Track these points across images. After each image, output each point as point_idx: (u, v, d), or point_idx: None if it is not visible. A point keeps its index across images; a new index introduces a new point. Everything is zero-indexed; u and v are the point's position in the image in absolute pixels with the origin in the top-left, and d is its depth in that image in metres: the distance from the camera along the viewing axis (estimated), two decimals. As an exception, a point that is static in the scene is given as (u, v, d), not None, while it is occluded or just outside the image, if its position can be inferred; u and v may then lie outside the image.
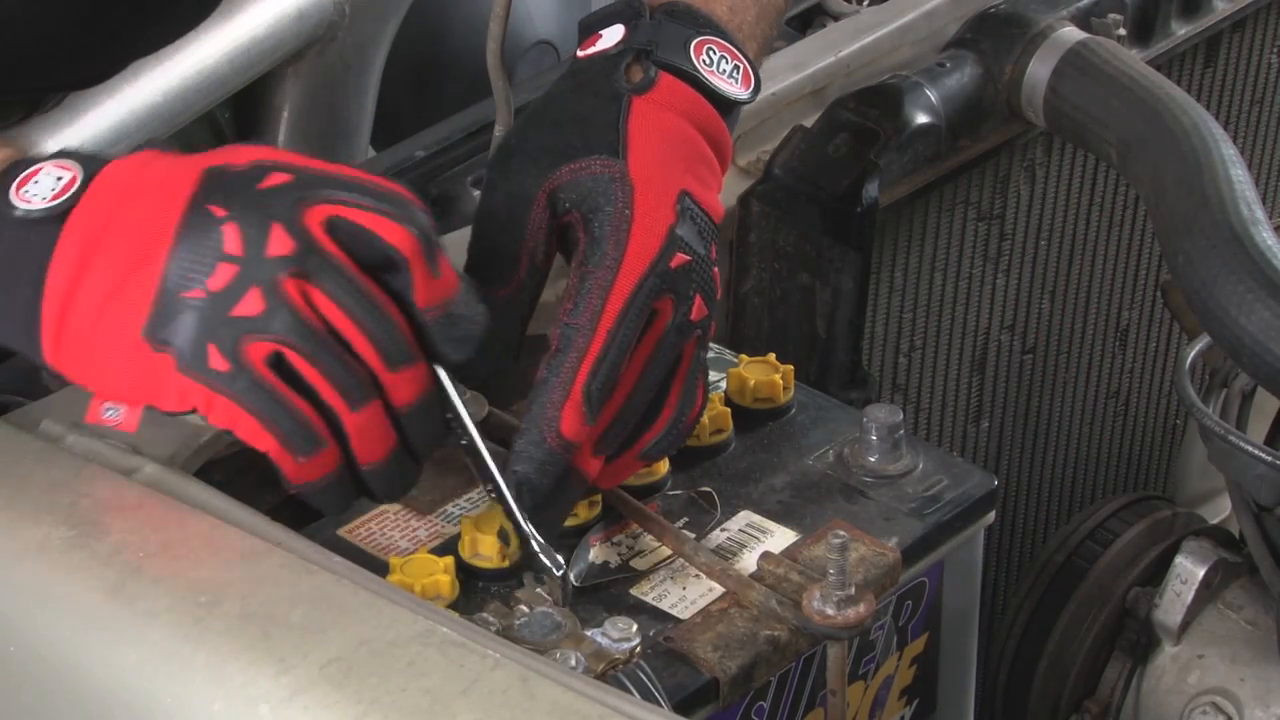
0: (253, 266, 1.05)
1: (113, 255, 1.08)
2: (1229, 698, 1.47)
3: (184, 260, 1.06)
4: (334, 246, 1.07)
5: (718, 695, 1.12)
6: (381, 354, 1.07)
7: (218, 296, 1.05)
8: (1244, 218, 1.36)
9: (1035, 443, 1.78)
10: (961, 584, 1.29)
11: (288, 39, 1.93)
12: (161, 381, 1.07)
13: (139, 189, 1.09)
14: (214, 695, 0.98)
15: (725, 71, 1.24)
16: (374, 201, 1.08)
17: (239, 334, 1.05)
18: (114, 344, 1.08)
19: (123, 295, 1.07)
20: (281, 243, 1.05)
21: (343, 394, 1.06)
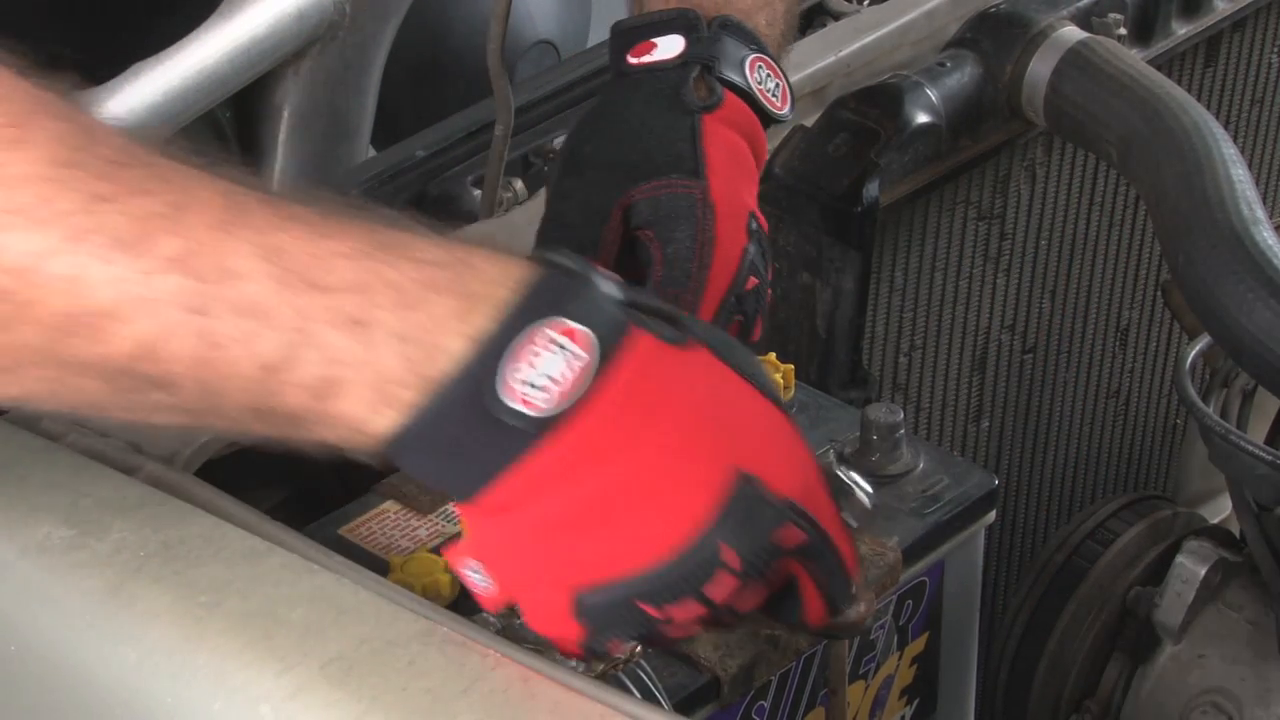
0: (718, 615, 0.95)
1: (605, 510, 0.92)
2: (1229, 697, 1.47)
3: (664, 581, 0.92)
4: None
5: (718, 694, 1.12)
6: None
7: (661, 622, 0.94)
8: (1244, 217, 1.37)
9: (1035, 443, 1.78)
10: (962, 583, 1.29)
11: (288, 39, 1.93)
12: (560, 632, 0.96)
13: (664, 446, 0.92)
14: (214, 694, 0.98)
15: (770, 90, 1.24)
16: (832, 583, 0.98)
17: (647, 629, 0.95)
18: (541, 572, 0.95)
19: (589, 551, 0.93)
20: (751, 598, 0.95)
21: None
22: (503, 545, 0.94)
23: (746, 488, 0.92)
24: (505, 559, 0.95)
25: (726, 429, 0.94)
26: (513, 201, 1.49)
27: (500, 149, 1.42)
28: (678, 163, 1.18)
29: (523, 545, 0.94)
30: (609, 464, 0.91)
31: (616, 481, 0.91)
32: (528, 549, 0.94)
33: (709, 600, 0.93)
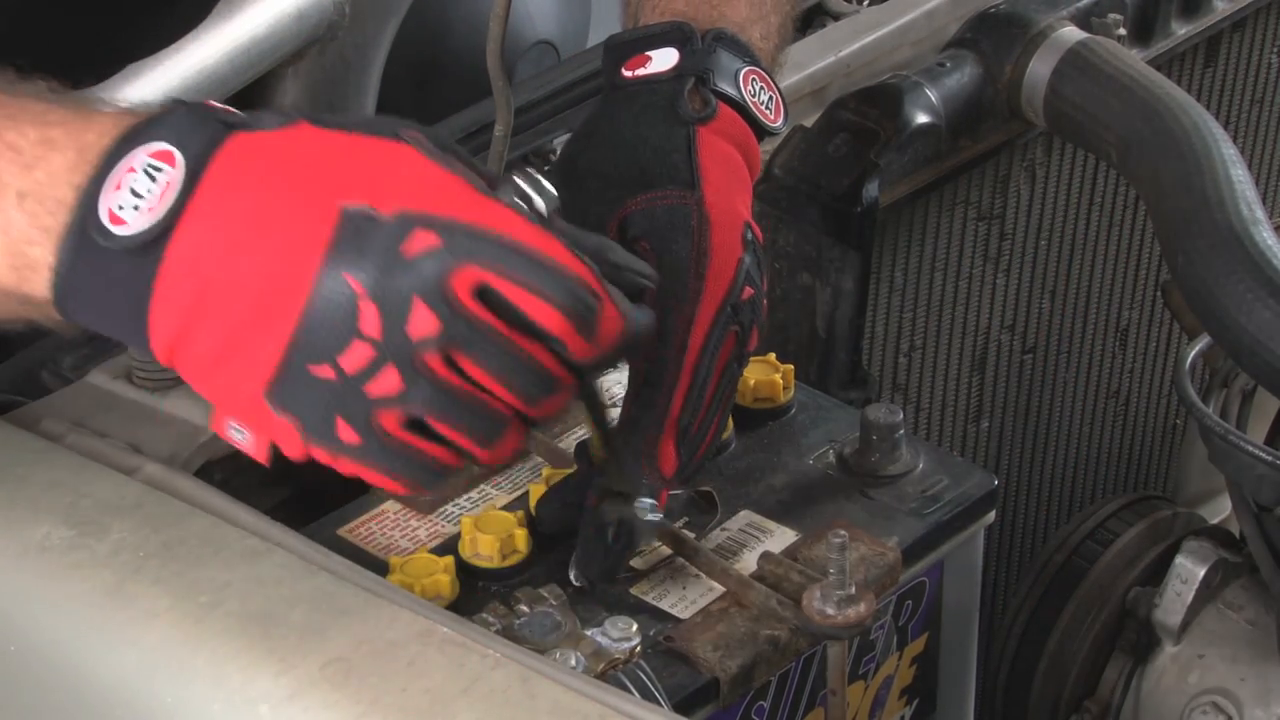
0: (391, 347, 0.96)
1: (232, 305, 0.96)
2: (1229, 697, 1.47)
3: (315, 334, 0.96)
4: (485, 314, 0.97)
5: (718, 695, 1.12)
6: (526, 402, 1.00)
7: (351, 377, 0.96)
8: (1244, 218, 1.37)
9: (1035, 443, 1.78)
10: (961, 584, 1.29)
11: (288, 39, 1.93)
12: (285, 437, 1.00)
13: (263, 219, 0.96)
14: (214, 695, 0.98)
15: (764, 102, 1.25)
16: (525, 275, 0.97)
17: (371, 409, 0.97)
18: (232, 395, 0.99)
19: (243, 351, 0.97)
20: (425, 322, 0.96)
21: (476, 440, 1.00)
22: (200, 376, 0.97)
23: (354, 217, 0.95)
24: (210, 389, 0.98)
25: (325, 176, 0.96)
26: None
27: (500, 149, 1.42)
28: (673, 174, 1.18)
29: (207, 366, 0.97)
30: (226, 252, 0.95)
31: (238, 264, 0.95)
32: (212, 369, 0.97)
33: (372, 339, 0.95)
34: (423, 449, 0.99)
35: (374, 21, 2.03)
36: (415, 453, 0.99)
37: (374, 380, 0.96)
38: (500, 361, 0.98)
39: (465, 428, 0.99)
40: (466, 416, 0.98)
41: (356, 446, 0.98)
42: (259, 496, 1.21)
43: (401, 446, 0.98)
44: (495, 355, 0.97)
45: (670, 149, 1.20)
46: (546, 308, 0.98)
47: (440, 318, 0.96)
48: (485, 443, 1.00)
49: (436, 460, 0.99)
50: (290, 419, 0.98)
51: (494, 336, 0.97)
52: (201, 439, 1.18)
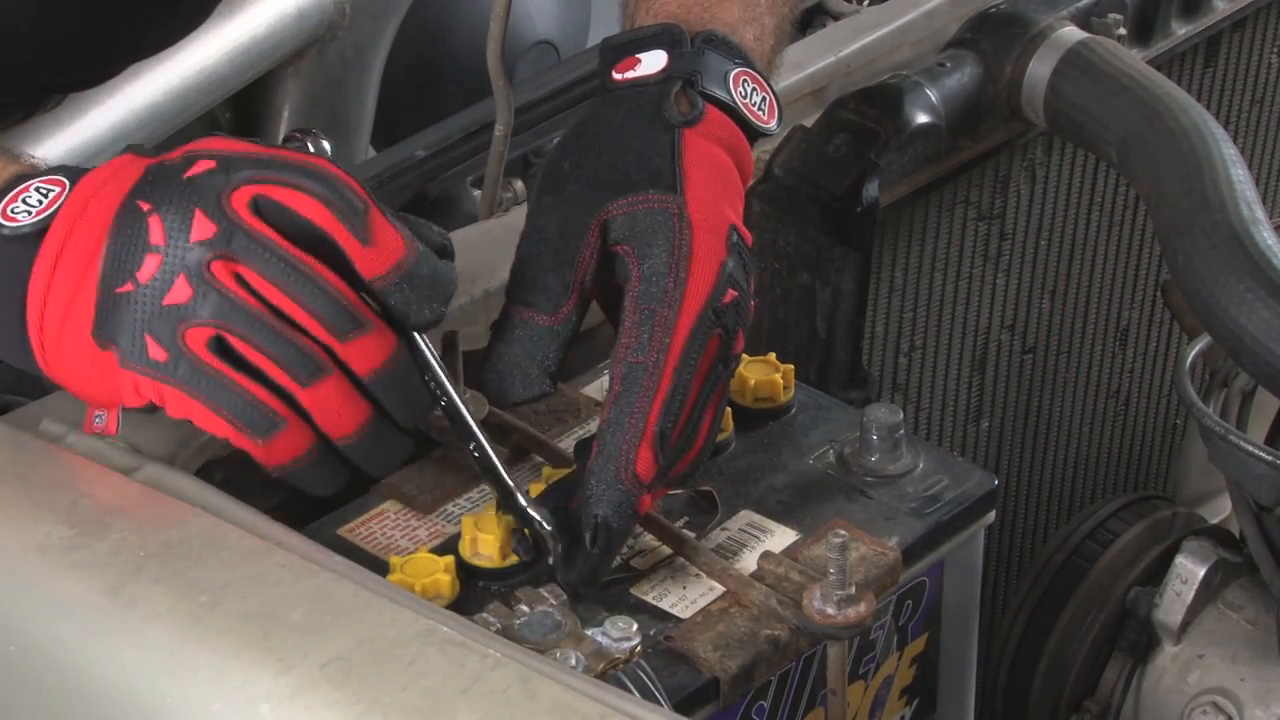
0: (177, 254, 1.08)
1: (70, 262, 1.10)
2: (1229, 697, 1.47)
3: (115, 256, 1.09)
4: (260, 224, 1.08)
5: (718, 695, 1.12)
6: (326, 326, 1.08)
7: (147, 288, 1.08)
8: (1244, 218, 1.36)
9: (1035, 443, 1.78)
10: (961, 584, 1.29)
11: (288, 39, 1.93)
12: (115, 379, 1.10)
13: (97, 195, 1.11)
14: (214, 695, 0.98)
15: (756, 104, 1.25)
16: (291, 176, 1.09)
17: (173, 323, 1.07)
18: (74, 350, 1.11)
19: (75, 301, 1.10)
20: (203, 228, 1.07)
21: (289, 371, 1.07)
22: (54, 356, 1.12)
23: (151, 167, 1.11)
24: (61, 367, 1.12)
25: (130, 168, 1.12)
26: (512, 201, 1.49)
27: (500, 149, 1.42)
28: (656, 178, 1.18)
29: (56, 343, 1.11)
30: (70, 232, 1.10)
31: (74, 237, 1.10)
32: (57, 343, 1.11)
33: (159, 246, 1.08)
34: (234, 378, 1.07)
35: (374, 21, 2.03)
36: (228, 381, 1.07)
37: (168, 291, 1.07)
38: (284, 274, 1.07)
39: (271, 354, 1.07)
40: (268, 339, 1.07)
41: (166, 364, 1.08)
42: (259, 496, 1.21)
43: (213, 372, 1.07)
44: (278, 268, 1.07)
45: (654, 153, 1.20)
46: (316, 204, 1.08)
47: (216, 222, 1.07)
48: (297, 375, 1.07)
49: (252, 394, 1.07)
50: (113, 349, 1.09)
51: (273, 247, 1.07)
52: (201, 439, 1.18)
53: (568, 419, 1.28)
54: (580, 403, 1.30)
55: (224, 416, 1.08)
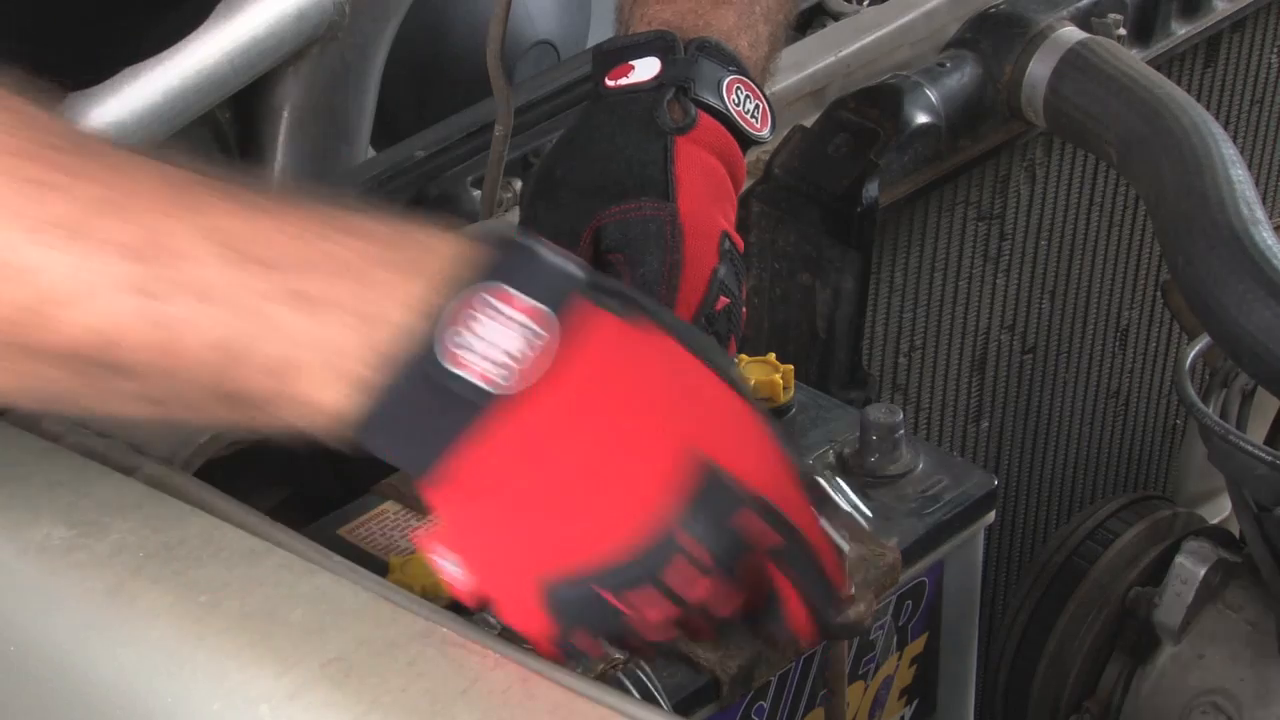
0: (682, 609, 0.93)
1: (552, 493, 0.92)
2: (1229, 698, 1.47)
3: (624, 572, 0.92)
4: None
5: (718, 695, 1.12)
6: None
7: (628, 613, 0.93)
8: (1244, 218, 1.37)
9: (1035, 443, 1.78)
10: (961, 584, 1.29)
11: (288, 39, 1.93)
12: (526, 621, 0.95)
13: (614, 429, 0.91)
14: (214, 695, 0.98)
15: (749, 111, 1.24)
16: (813, 588, 0.96)
17: (629, 636, 0.95)
18: (500, 565, 0.94)
19: (540, 537, 0.93)
20: (724, 601, 0.94)
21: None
22: (467, 529, 0.94)
23: (708, 474, 0.91)
24: (471, 544, 0.94)
25: (691, 414, 0.93)
26: (512, 202, 1.49)
27: (500, 149, 1.42)
28: (648, 185, 1.18)
29: (486, 529, 0.93)
30: (566, 444, 0.91)
31: (575, 463, 0.91)
32: (491, 534, 0.93)
33: (673, 592, 0.92)
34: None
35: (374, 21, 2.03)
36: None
37: (642, 621, 0.93)
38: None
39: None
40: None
41: (578, 653, 0.96)
42: (259, 496, 1.21)
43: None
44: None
45: (646, 160, 1.19)
46: (805, 619, 0.97)
47: (738, 598, 0.94)
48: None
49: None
50: (552, 619, 0.94)
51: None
52: (201, 439, 1.18)
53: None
54: (580, 403, 1.30)
55: None
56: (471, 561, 0.95)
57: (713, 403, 0.94)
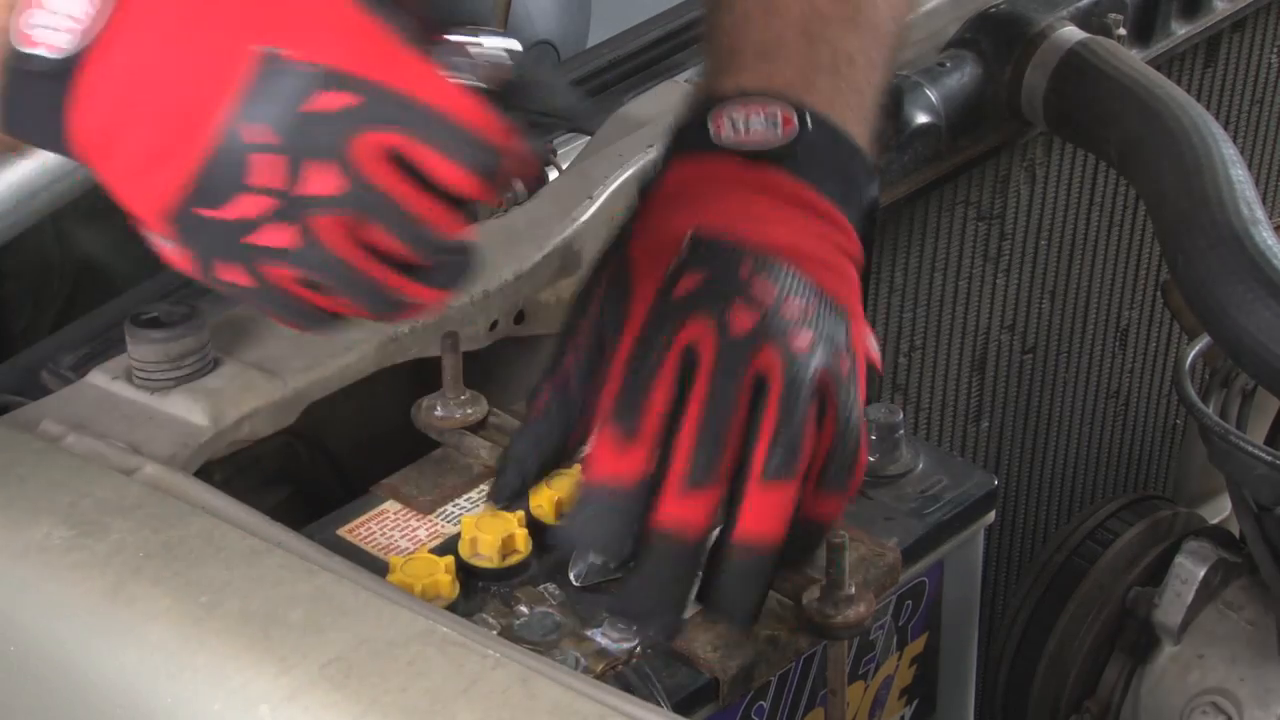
0: (285, 203, 0.93)
1: (141, 129, 0.94)
2: (1229, 697, 1.47)
3: (207, 181, 0.94)
4: (389, 178, 0.94)
5: (718, 695, 1.12)
6: (419, 253, 0.97)
7: (233, 224, 0.94)
8: (1244, 218, 1.37)
9: (1035, 443, 1.78)
10: (961, 584, 1.29)
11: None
12: (183, 264, 0.98)
13: (179, 48, 0.93)
14: (214, 695, 0.98)
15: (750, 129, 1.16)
16: (434, 139, 0.94)
17: (256, 258, 0.95)
18: (139, 210, 0.97)
19: (147, 177, 0.95)
20: (324, 182, 0.93)
21: (371, 310, 0.98)
22: (115, 184, 0.97)
23: (265, 61, 0.92)
24: (124, 198, 0.97)
25: (256, 12, 0.93)
26: (513, 201, 1.49)
27: (500, 149, 1.42)
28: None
29: (119, 177, 0.96)
30: (139, 77, 0.94)
31: (147, 90, 0.94)
32: (122, 181, 0.96)
33: (267, 188, 0.93)
34: (312, 301, 0.98)
35: (374, 21, 2.03)
36: (304, 304, 0.98)
37: (259, 233, 0.94)
38: (401, 227, 0.95)
39: (359, 299, 0.97)
40: (358, 287, 0.97)
41: (240, 288, 0.97)
42: (259, 496, 1.21)
43: (289, 298, 0.97)
44: (395, 220, 0.95)
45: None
46: (457, 171, 0.95)
47: (342, 178, 0.93)
48: (378, 310, 0.99)
49: (323, 311, 0.98)
50: (183, 250, 0.97)
51: (395, 201, 0.94)
52: (202, 439, 1.18)
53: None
54: (580, 403, 1.30)
55: (286, 321, 1.00)
56: (135, 214, 0.98)
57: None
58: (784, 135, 1.13)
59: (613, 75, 1.70)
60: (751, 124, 1.14)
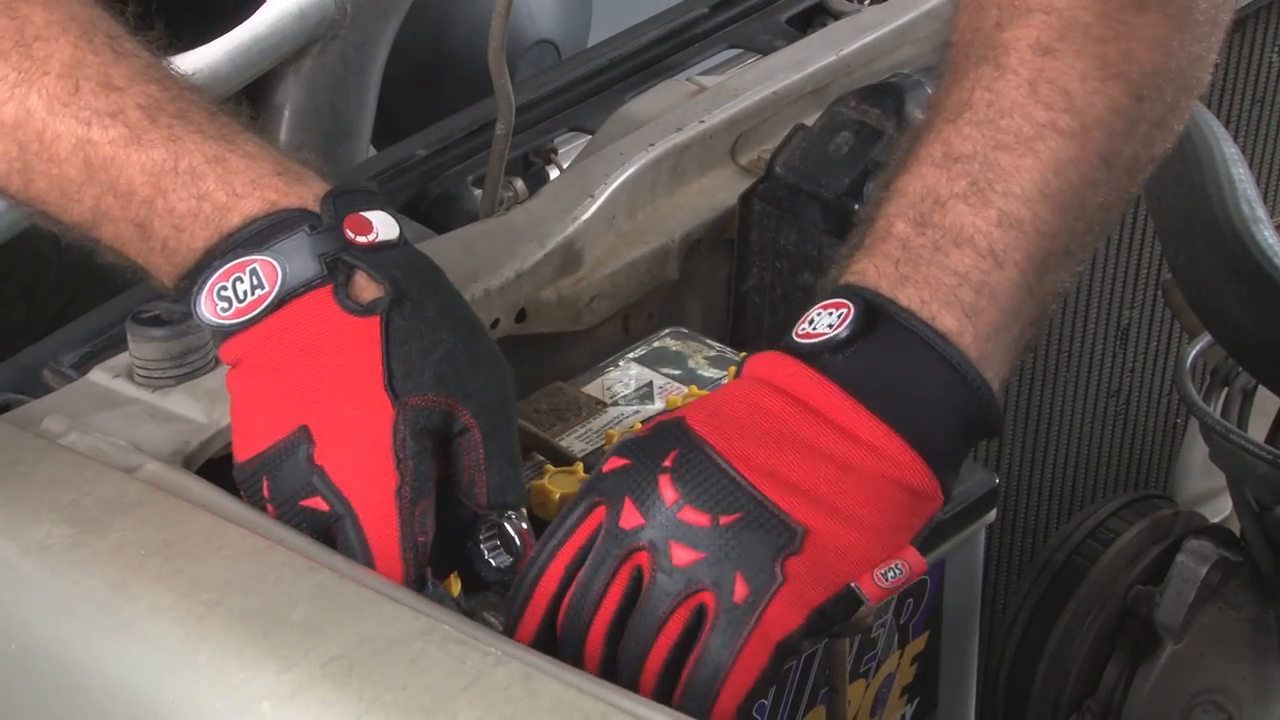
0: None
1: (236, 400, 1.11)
2: (1230, 696, 1.47)
3: (246, 481, 1.09)
4: None
5: (719, 693, 1.12)
6: None
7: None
8: (1244, 216, 1.37)
9: (1035, 442, 1.78)
10: (962, 583, 1.29)
11: (289, 38, 1.93)
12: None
13: (263, 387, 1.09)
14: (216, 693, 0.98)
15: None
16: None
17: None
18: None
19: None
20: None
21: None
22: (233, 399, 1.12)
23: (296, 443, 1.06)
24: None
25: (316, 392, 1.07)
26: (513, 201, 1.49)
27: (500, 148, 1.42)
28: None
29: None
30: (241, 378, 1.09)
31: (238, 394, 1.10)
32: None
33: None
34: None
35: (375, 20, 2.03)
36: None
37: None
38: None
39: None
40: None
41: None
42: (260, 495, 1.21)
43: None
44: None
45: None
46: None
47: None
48: None
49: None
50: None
51: None
52: (203, 437, 1.18)
53: (569, 417, 1.28)
54: (581, 401, 1.30)
55: None
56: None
57: (355, 393, 1.06)
58: (838, 334, 1.03)
59: (613, 75, 1.70)
60: (817, 322, 1.05)
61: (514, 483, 1.08)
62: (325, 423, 1.06)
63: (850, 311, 1.03)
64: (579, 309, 1.41)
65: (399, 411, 1.05)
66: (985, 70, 1.08)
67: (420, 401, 1.05)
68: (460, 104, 1.70)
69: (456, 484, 1.08)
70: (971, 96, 1.08)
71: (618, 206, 1.44)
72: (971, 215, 1.05)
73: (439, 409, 1.06)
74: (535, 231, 1.39)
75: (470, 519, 1.08)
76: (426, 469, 1.05)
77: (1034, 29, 1.08)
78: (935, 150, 1.07)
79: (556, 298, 1.39)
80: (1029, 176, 1.05)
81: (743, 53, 1.77)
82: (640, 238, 1.46)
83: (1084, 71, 1.07)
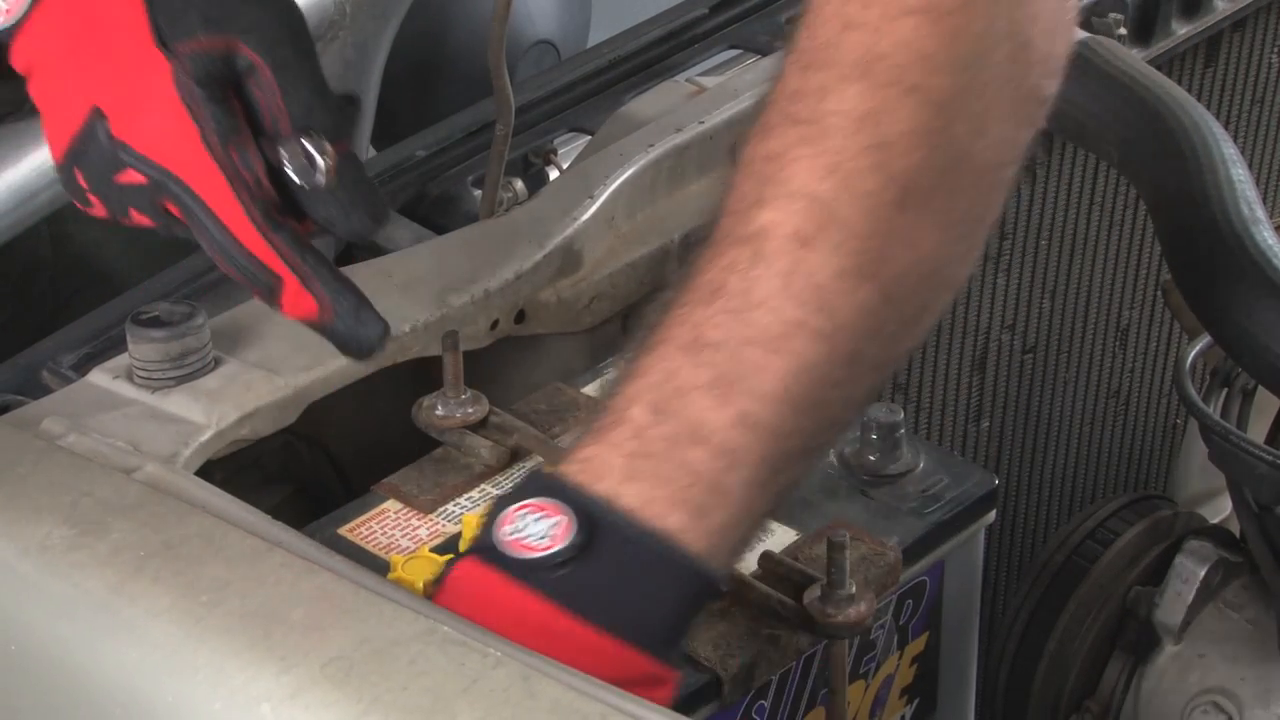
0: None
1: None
2: (1229, 697, 1.47)
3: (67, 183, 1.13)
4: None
5: (719, 694, 1.12)
6: None
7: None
8: (1244, 217, 1.36)
9: (1035, 442, 1.78)
10: (962, 583, 1.29)
11: (288, 39, 1.92)
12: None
13: (62, 63, 1.10)
14: (215, 694, 0.98)
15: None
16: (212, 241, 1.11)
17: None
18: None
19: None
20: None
21: None
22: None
23: (91, 125, 1.08)
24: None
25: (95, 70, 1.07)
26: (513, 201, 1.49)
27: (500, 149, 1.42)
28: None
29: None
30: (36, 87, 1.11)
31: (38, 102, 1.12)
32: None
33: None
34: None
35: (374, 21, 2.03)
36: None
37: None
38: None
39: None
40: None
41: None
42: (260, 496, 1.21)
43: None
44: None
45: None
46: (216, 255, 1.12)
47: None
48: None
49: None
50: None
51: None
52: (202, 438, 1.18)
53: (568, 418, 1.28)
54: (580, 402, 1.30)
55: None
56: None
57: (125, 68, 1.07)
58: (555, 551, 1.00)
59: (612, 75, 1.70)
60: (530, 528, 1.02)
61: (319, 111, 1.09)
62: (112, 97, 1.06)
63: (567, 524, 1.00)
64: (578, 310, 1.41)
65: (174, 62, 1.04)
66: (743, 254, 1.02)
67: (194, 46, 1.04)
68: (460, 105, 1.70)
69: (263, 132, 1.07)
70: (727, 281, 1.02)
71: (617, 207, 1.44)
72: (712, 411, 1.01)
73: (217, 51, 1.05)
74: (534, 232, 1.39)
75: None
76: (223, 111, 1.05)
77: (795, 216, 1.01)
78: (683, 333, 1.02)
79: (556, 299, 1.39)
80: (773, 376, 1.01)
81: (743, 53, 1.77)
82: (640, 238, 1.46)
83: (839, 268, 1.01)
